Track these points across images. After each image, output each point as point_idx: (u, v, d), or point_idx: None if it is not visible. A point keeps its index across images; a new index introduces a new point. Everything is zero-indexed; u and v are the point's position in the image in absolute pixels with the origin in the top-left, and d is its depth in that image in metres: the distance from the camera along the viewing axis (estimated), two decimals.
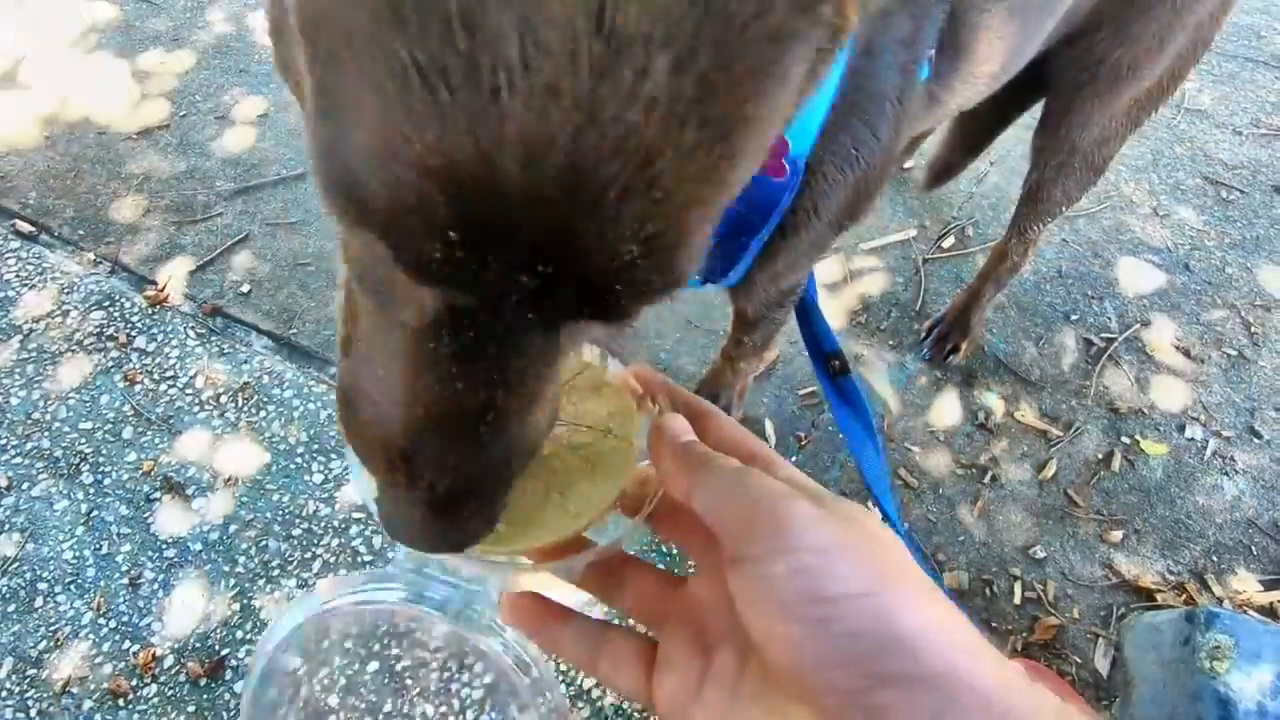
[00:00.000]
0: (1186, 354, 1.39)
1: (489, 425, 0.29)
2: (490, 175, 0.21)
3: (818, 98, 0.49)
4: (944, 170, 1.47)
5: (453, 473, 0.30)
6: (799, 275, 0.78)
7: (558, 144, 0.20)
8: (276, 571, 1.13)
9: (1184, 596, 1.16)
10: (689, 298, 1.27)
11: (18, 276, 1.40)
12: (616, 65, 0.20)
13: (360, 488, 0.36)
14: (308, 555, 1.15)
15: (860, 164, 0.59)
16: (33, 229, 1.48)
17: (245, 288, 1.42)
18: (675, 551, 1.16)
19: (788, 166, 0.43)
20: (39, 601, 1.10)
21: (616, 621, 0.39)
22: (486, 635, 0.35)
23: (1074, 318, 1.44)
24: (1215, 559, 1.20)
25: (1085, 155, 1.01)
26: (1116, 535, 1.21)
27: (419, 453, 0.29)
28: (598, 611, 0.79)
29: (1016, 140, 1.65)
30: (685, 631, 0.34)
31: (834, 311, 1.43)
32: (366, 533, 1.16)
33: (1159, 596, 1.16)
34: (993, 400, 1.34)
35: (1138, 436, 1.30)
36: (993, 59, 0.68)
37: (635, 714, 1.02)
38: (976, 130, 1.35)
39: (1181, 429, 1.31)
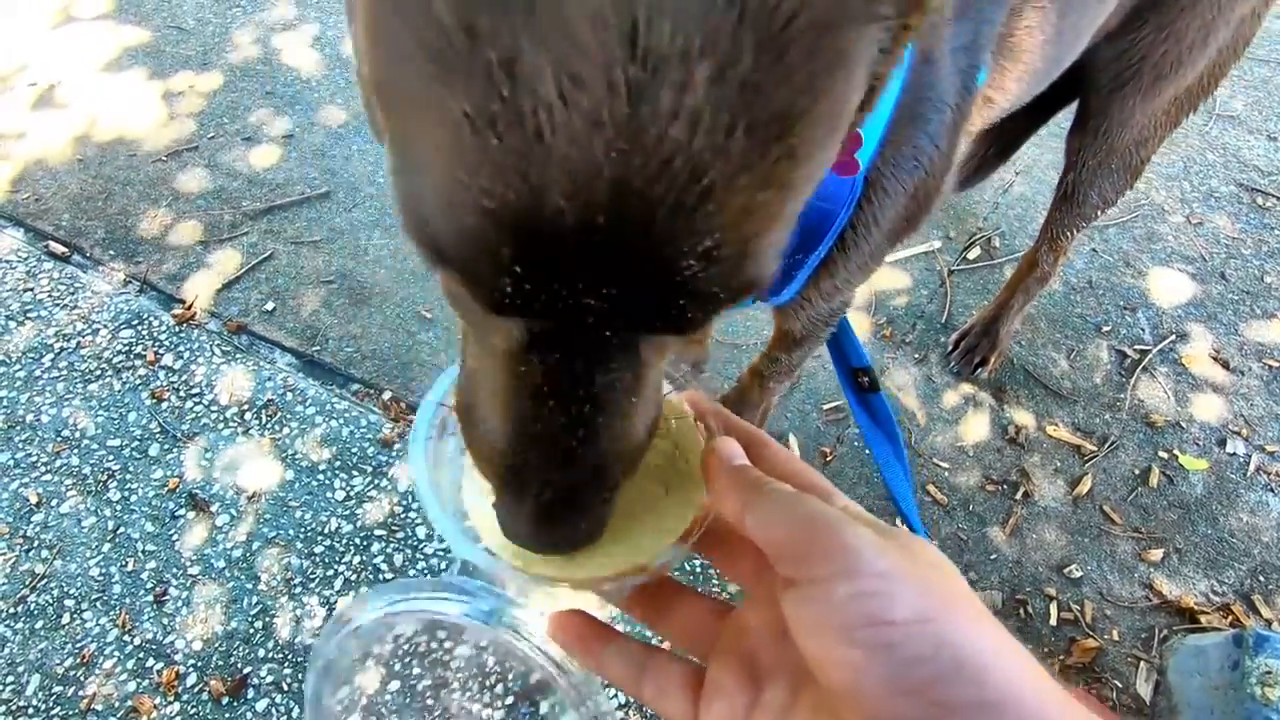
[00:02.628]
0: (1225, 366, 1.35)
1: (583, 439, 0.30)
2: (542, 211, 0.21)
3: (879, 111, 0.49)
4: (973, 173, 1.44)
5: (555, 483, 0.31)
6: (851, 291, 0.77)
7: (603, 173, 0.21)
8: (299, 589, 1.13)
9: (1230, 618, 1.11)
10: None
11: (50, 296, 1.43)
12: (655, 86, 0.20)
13: (428, 505, 0.37)
14: (330, 573, 1.14)
15: (920, 173, 0.58)
16: (65, 249, 1.51)
17: (270, 306, 1.44)
18: (717, 584, 1.14)
19: (859, 163, 0.42)
20: (66, 618, 1.11)
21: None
22: (531, 645, 0.35)
23: (1106, 329, 1.40)
24: (1262, 579, 1.15)
25: (1123, 155, 0.99)
26: (1156, 554, 1.17)
27: (523, 465, 0.31)
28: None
29: (1043, 149, 1.63)
30: (734, 660, 0.33)
31: (858, 325, 1.41)
32: (388, 550, 1.16)
33: (1203, 618, 1.11)
34: (1023, 414, 1.31)
35: (1176, 451, 1.26)
36: (1044, 59, 0.67)
37: None
38: (1008, 132, 1.33)
39: (1222, 443, 1.27)
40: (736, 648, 0.34)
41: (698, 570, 1.14)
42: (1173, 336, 1.39)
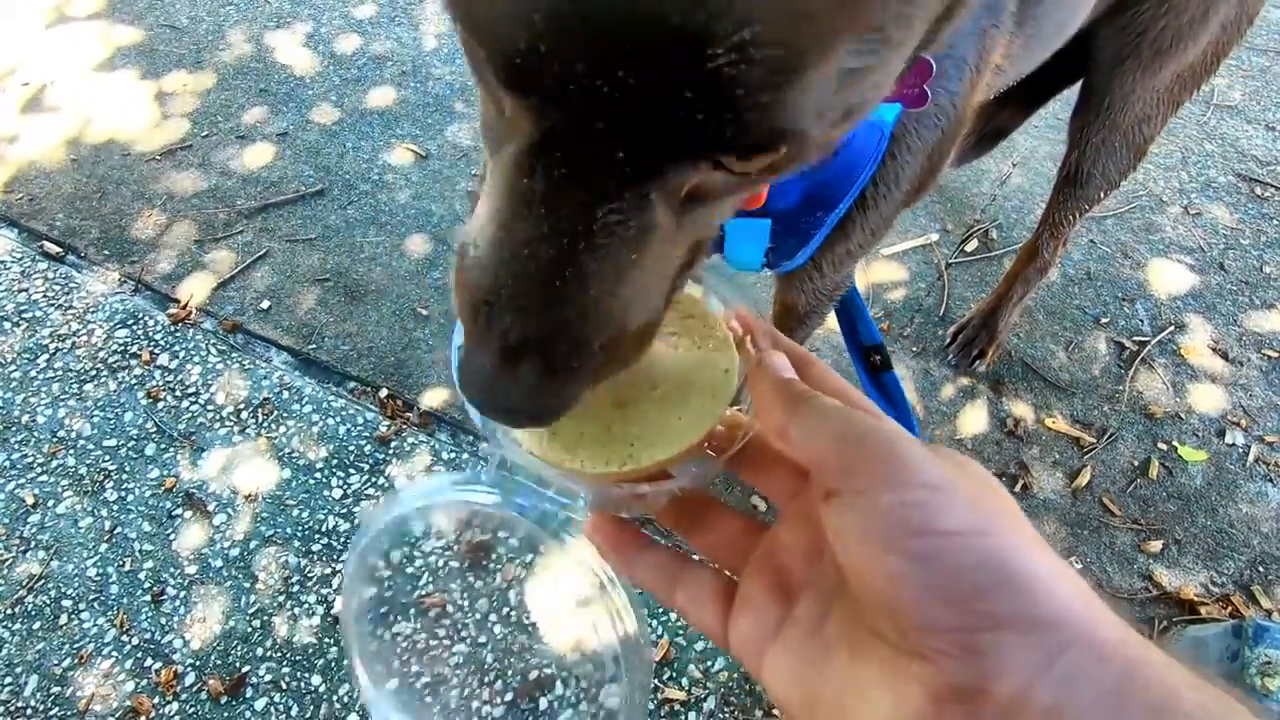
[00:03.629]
0: (1224, 356, 1.35)
1: (569, 279, 0.28)
2: None
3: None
4: (970, 149, 1.43)
5: (527, 323, 0.29)
6: (856, 261, 0.76)
7: None
8: (296, 587, 1.13)
9: (1229, 609, 1.11)
10: None
11: (45, 296, 1.43)
12: None
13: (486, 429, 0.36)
14: (327, 571, 1.14)
15: (939, 132, 0.58)
16: (60, 250, 1.50)
17: (265, 304, 1.43)
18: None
19: (929, 95, 0.42)
20: (63, 619, 1.11)
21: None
22: (568, 545, 0.35)
23: (1104, 321, 1.40)
24: (1261, 569, 1.15)
25: (1126, 134, 0.98)
26: (1156, 545, 1.17)
27: (495, 300, 0.29)
28: None
29: (1040, 140, 1.62)
30: (766, 576, 0.33)
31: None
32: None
33: (1203, 609, 1.11)
34: (1022, 407, 1.30)
35: (1175, 442, 1.26)
36: (1053, 23, 0.67)
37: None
38: (1006, 111, 1.32)
39: (1221, 434, 1.27)
40: (769, 564, 0.34)
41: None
42: (1171, 327, 1.38)
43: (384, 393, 1.32)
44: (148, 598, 1.12)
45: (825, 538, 0.28)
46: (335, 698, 1.05)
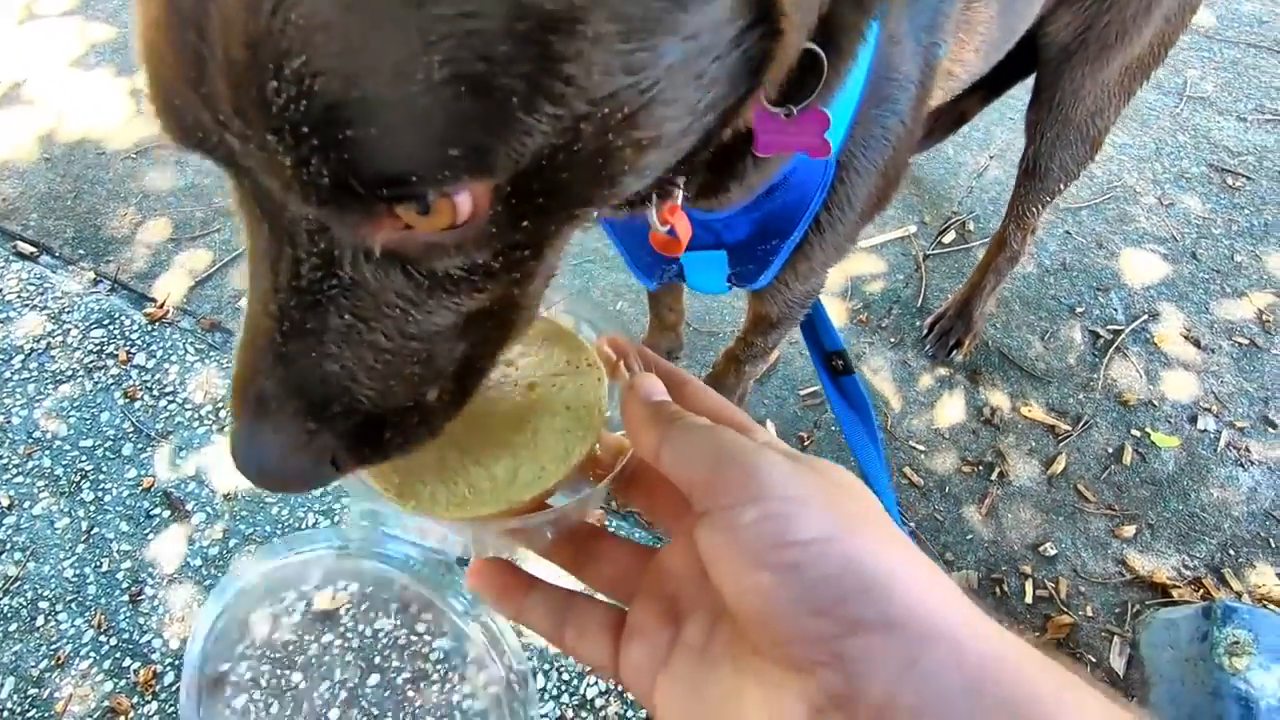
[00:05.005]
0: (1196, 344, 1.37)
1: (290, 342, 0.30)
2: (153, 45, 0.26)
3: (848, 93, 0.49)
4: (923, 138, 1.44)
5: (261, 387, 0.31)
6: (826, 273, 0.77)
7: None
8: (276, 585, 1.12)
9: (1201, 592, 1.13)
10: (689, 300, 1.26)
11: (19, 297, 1.41)
12: None
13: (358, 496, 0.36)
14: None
15: (890, 150, 0.59)
16: (34, 249, 1.49)
17: (243, 302, 1.42)
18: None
19: (830, 144, 0.43)
20: (40, 620, 1.10)
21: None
22: (448, 596, 0.34)
23: (1079, 310, 1.41)
24: (1232, 552, 1.17)
25: (1079, 127, 1.00)
26: (1129, 530, 1.19)
27: (239, 365, 0.31)
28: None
29: (1015, 133, 1.63)
30: (656, 603, 0.33)
31: (834, 310, 1.41)
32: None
33: (1175, 592, 1.13)
34: (998, 396, 1.32)
35: (1148, 429, 1.28)
36: (1000, 29, 0.68)
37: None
38: (961, 103, 1.34)
39: (1193, 420, 1.29)
40: (658, 590, 0.34)
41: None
42: (1145, 316, 1.40)
43: None
44: (126, 598, 1.11)
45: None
46: (316, 694, 1.05)
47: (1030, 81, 1.02)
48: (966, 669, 0.24)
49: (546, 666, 1.05)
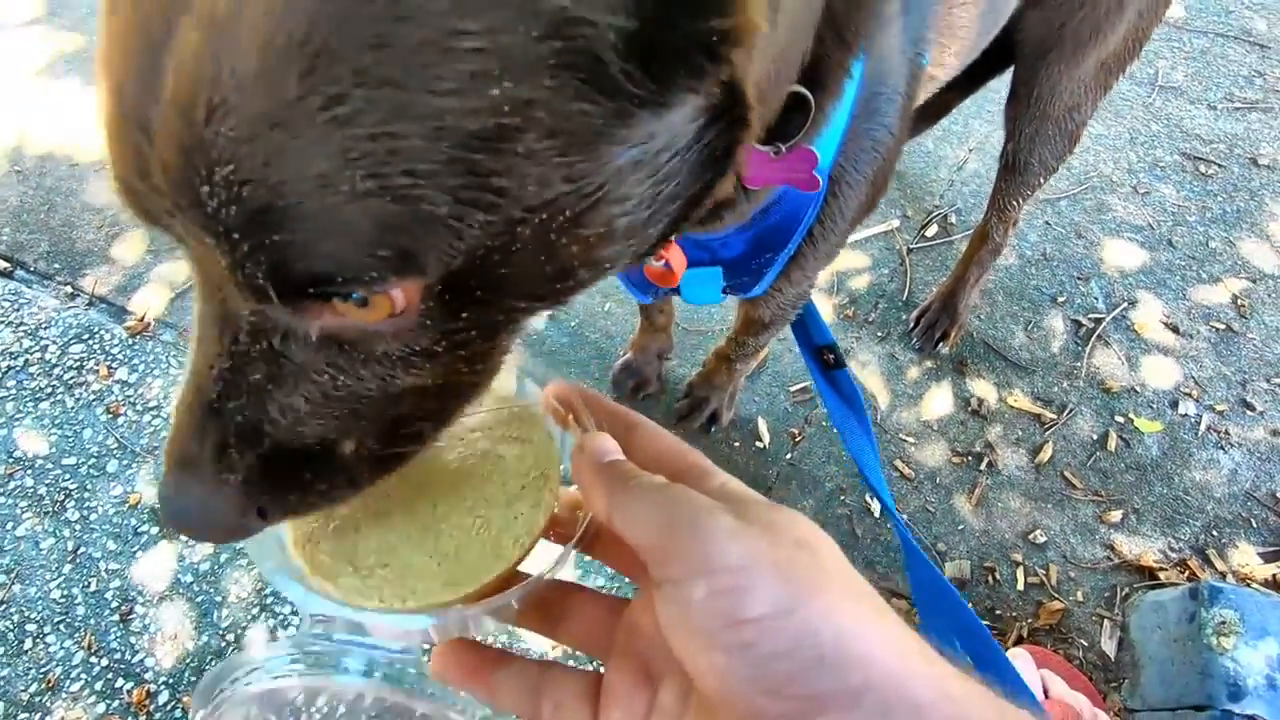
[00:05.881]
0: (1175, 330, 1.39)
1: (215, 402, 0.31)
2: (109, 133, 0.28)
3: (839, 112, 0.49)
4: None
5: (179, 441, 0.32)
6: (814, 277, 0.78)
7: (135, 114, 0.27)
8: (270, 599, 1.11)
9: (1187, 573, 1.15)
10: (679, 302, 1.26)
11: None
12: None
13: (265, 568, 0.34)
14: None
15: (879, 160, 0.59)
16: (7, 265, 1.46)
17: None
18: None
19: (820, 179, 0.43)
20: (28, 644, 1.08)
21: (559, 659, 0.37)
22: (420, 695, 0.32)
23: (1061, 300, 1.44)
24: (1215, 534, 1.20)
25: (1058, 122, 1.01)
26: (1116, 515, 1.21)
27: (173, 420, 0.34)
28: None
29: (995, 126, 1.65)
30: (629, 663, 0.32)
31: (821, 306, 1.42)
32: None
33: (1162, 575, 1.15)
34: (984, 387, 1.34)
35: (1131, 415, 1.30)
36: (979, 31, 0.69)
37: None
38: (947, 94, 1.35)
39: (1175, 405, 1.31)
40: (631, 648, 0.33)
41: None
42: (1125, 304, 1.42)
43: None
44: (116, 618, 1.10)
45: None
46: (314, 708, 1.04)
47: (1007, 75, 1.03)
48: None
49: None
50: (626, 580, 0.39)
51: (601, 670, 0.34)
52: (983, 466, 1.25)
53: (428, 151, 0.25)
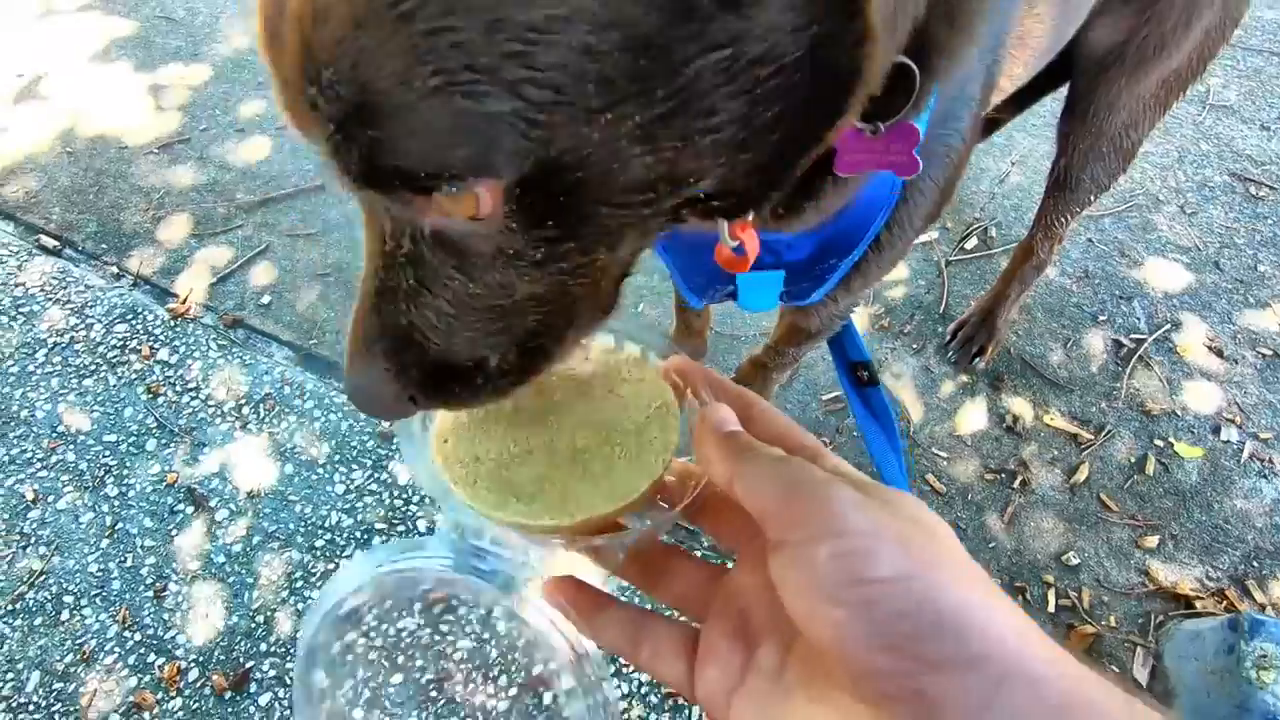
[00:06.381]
0: (1219, 354, 1.36)
1: (379, 291, 0.36)
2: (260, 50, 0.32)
3: (921, 119, 0.49)
4: None
5: (363, 328, 0.37)
6: (868, 289, 0.77)
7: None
8: (300, 583, 1.13)
9: (1224, 603, 1.12)
10: (716, 306, 1.26)
11: (43, 290, 1.41)
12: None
13: (415, 469, 0.39)
14: (330, 566, 1.14)
15: (950, 167, 0.59)
16: (57, 243, 1.49)
17: (265, 299, 1.42)
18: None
19: (919, 161, 0.42)
20: (65, 615, 1.10)
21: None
22: (534, 610, 0.35)
23: (1102, 319, 1.41)
24: (1256, 564, 1.17)
25: (1113, 139, 0.99)
26: (1152, 540, 1.18)
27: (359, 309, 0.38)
28: None
29: (1038, 139, 1.63)
30: (728, 623, 0.34)
31: (856, 316, 1.41)
32: (389, 544, 1.16)
33: (1198, 603, 1.13)
34: (1020, 404, 1.32)
35: (1171, 439, 1.27)
36: (1049, 41, 0.68)
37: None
38: (1001, 106, 1.33)
39: (1216, 431, 1.28)
40: (729, 609, 0.34)
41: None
42: (1168, 325, 1.40)
43: None
44: (150, 593, 1.12)
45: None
46: (339, 693, 1.05)
47: (1061, 90, 1.02)
48: (1046, 709, 0.24)
49: None
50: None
51: (694, 625, 0.35)
52: (1016, 484, 1.24)
53: (485, 45, 0.26)
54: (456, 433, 0.40)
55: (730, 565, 0.36)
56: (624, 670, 1.06)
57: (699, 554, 0.40)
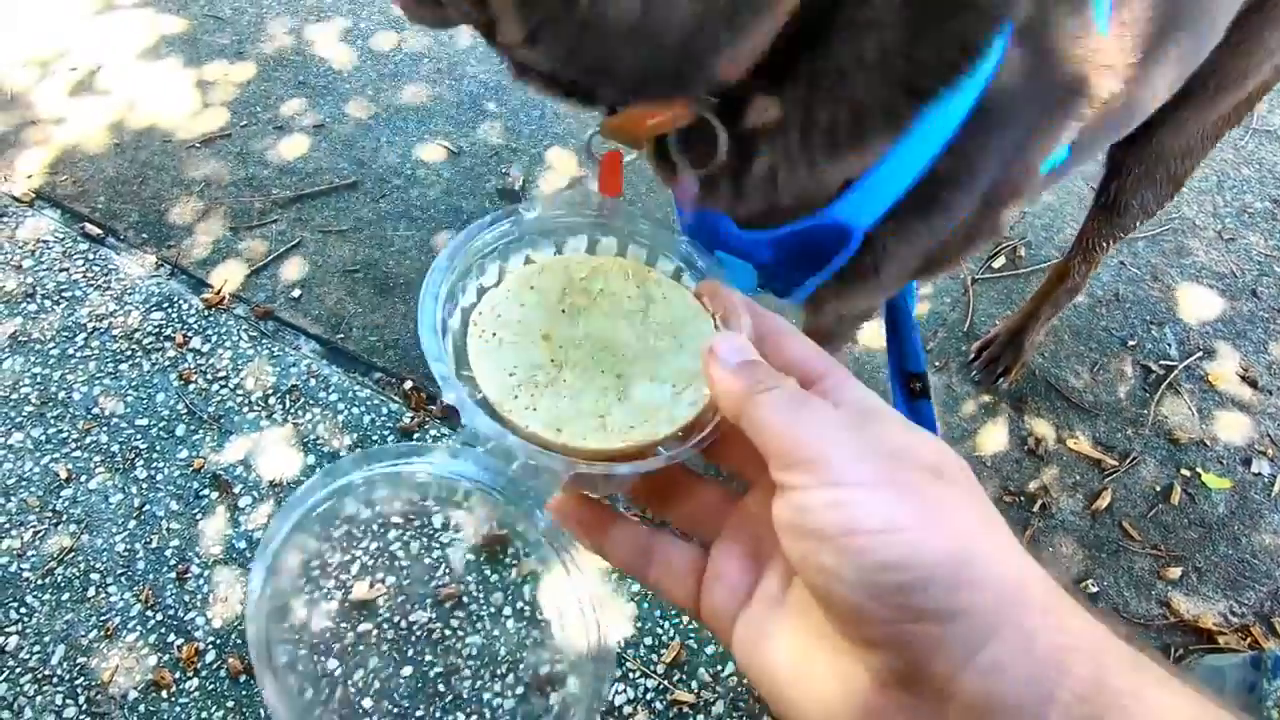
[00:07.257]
0: (1253, 385, 1.33)
1: None
2: None
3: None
4: None
5: None
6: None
7: None
8: (316, 572, 1.15)
9: (1248, 640, 1.10)
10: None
11: (85, 276, 1.46)
12: None
13: (428, 347, 0.37)
14: (347, 558, 1.16)
15: (999, 173, 0.54)
16: (100, 232, 1.54)
17: (296, 292, 1.46)
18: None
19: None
20: (92, 591, 1.14)
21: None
22: (532, 520, 0.34)
23: (1131, 343, 1.39)
24: None
25: (1168, 165, 0.97)
26: (1175, 572, 1.16)
27: None
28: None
29: None
30: (738, 546, 0.34)
31: (878, 330, 1.40)
32: (405, 537, 1.17)
33: (1221, 639, 1.10)
34: (1043, 426, 1.30)
35: (1199, 469, 1.25)
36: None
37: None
38: None
39: (1247, 463, 1.25)
40: (742, 532, 0.34)
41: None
42: (1199, 353, 1.37)
43: (408, 384, 1.34)
44: (173, 575, 1.15)
45: None
46: (350, 682, 1.07)
47: None
48: (1035, 659, 0.24)
49: None
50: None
51: (702, 548, 0.35)
52: (1035, 508, 1.22)
53: None
54: (488, 354, 0.38)
55: (740, 494, 0.37)
56: (630, 676, 1.06)
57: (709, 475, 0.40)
